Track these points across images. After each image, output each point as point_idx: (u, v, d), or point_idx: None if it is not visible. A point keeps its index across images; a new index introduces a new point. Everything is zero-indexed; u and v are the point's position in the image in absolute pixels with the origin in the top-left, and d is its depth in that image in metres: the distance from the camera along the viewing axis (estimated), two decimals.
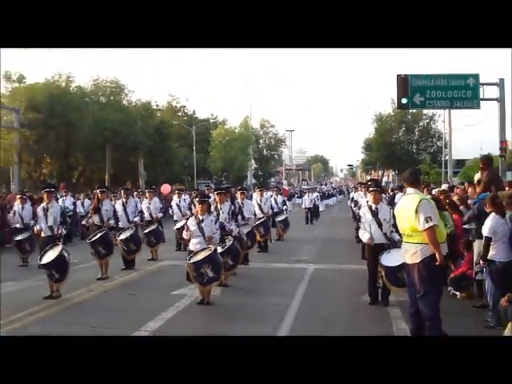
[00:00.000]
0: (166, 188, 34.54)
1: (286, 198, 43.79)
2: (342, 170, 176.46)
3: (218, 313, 9.76)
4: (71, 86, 46.16)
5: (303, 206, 32.88)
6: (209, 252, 9.99)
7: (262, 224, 17.44)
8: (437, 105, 28.74)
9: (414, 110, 55.90)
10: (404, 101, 27.73)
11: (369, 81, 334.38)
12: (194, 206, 16.08)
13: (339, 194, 66.81)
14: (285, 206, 22.88)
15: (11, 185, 41.77)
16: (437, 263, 6.93)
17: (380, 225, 9.85)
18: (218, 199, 12.44)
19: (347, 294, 11.00)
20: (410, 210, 7.25)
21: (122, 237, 14.24)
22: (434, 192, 16.50)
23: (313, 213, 32.25)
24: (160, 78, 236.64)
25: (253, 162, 79.82)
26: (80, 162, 50.41)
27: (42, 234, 11.62)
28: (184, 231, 10.79)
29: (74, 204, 24.48)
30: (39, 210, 11.89)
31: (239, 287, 12.04)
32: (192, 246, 10.43)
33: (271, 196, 22.47)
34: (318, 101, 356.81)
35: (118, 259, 14.26)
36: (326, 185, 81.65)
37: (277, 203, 22.11)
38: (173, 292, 11.29)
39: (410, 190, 7.61)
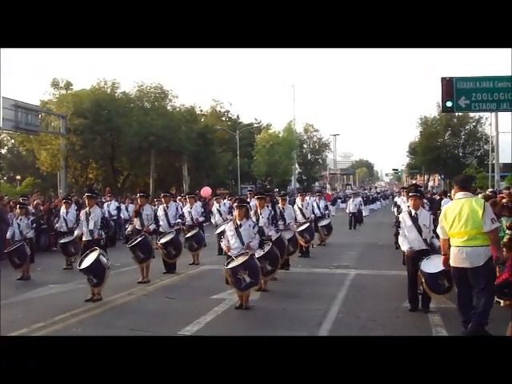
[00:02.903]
0: (206, 191, 34.23)
1: (329, 203, 43.75)
2: (387, 175, 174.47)
3: (256, 317, 9.72)
4: (116, 92, 46.94)
5: (347, 211, 32.65)
6: (246, 257, 9.93)
7: (306, 230, 17.34)
8: (483, 107, 28.19)
9: (460, 113, 54.98)
10: (449, 104, 27.30)
11: (414, 84, 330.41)
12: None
13: (383, 199, 65.90)
14: (327, 211, 22.78)
15: (59, 189, 42.67)
16: (499, 262, 7.12)
17: (420, 231, 9.59)
18: (257, 204, 12.38)
19: (387, 300, 10.82)
20: (475, 212, 7.45)
21: (163, 241, 14.31)
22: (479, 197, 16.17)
23: (357, 218, 31.96)
24: (204, 83, 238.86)
25: (297, 166, 79.63)
26: (125, 167, 51.20)
27: (84, 238, 11.84)
28: (222, 243, 10.75)
29: (118, 208, 24.76)
30: (81, 214, 12.13)
31: (279, 292, 11.99)
32: (230, 252, 10.30)
33: (314, 201, 22.43)
34: (363, 104, 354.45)
35: (160, 263, 14.39)
36: (369, 189, 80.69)
37: (319, 208, 22.03)
38: (212, 296, 11.30)
39: (463, 193, 7.84)
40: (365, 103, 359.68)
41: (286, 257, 14.61)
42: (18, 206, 15.63)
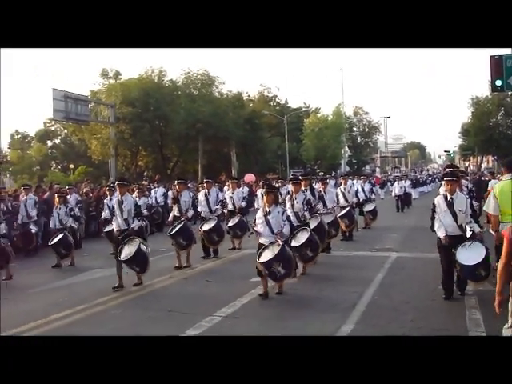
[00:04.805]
0: (249, 177, 34.38)
1: (378, 186, 43.34)
2: (439, 157, 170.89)
3: (292, 300, 9.86)
4: (163, 80, 47.55)
5: (393, 194, 32.39)
6: (278, 249, 9.65)
7: (346, 215, 17.23)
8: None
9: None
10: (498, 83, 26.49)
11: (466, 62, 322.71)
12: (281, 195, 16.13)
13: (433, 182, 64.51)
14: (373, 195, 22.60)
15: (110, 177, 43.62)
16: None
17: (455, 216, 9.17)
18: (292, 189, 12.27)
19: (425, 283, 10.77)
20: None
21: (205, 228, 14.37)
22: None
23: (403, 201, 31.60)
24: (251, 68, 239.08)
25: (347, 149, 79.12)
26: (174, 154, 51.90)
27: (118, 228, 11.59)
28: (254, 227, 10.46)
29: (165, 195, 25.10)
30: (114, 202, 11.95)
31: (317, 274, 12.06)
32: (261, 240, 10.09)
33: (360, 184, 22.37)
34: (413, 85, 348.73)
35: (199, 248, 14.59)
36: (421, 172, 79.52)
37: (364, 191, 21.89)
38: (251, 279, 11.41)
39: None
40: (415, 84, 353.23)
41: (327, 240, 14.66)
42: (56, 195, 15.73)
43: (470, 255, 8.69)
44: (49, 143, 74.01)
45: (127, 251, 11.11)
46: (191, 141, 48.38)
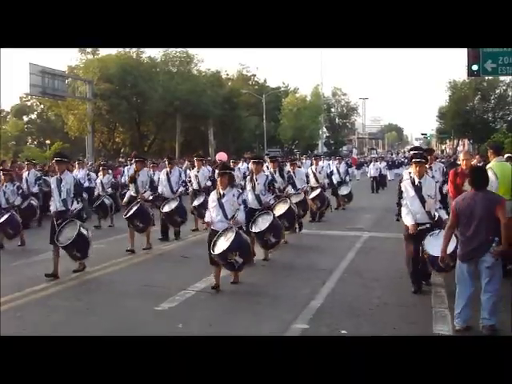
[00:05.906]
0: (221, 156, 34.19)
1: (354, 167, 43.57)
2: (417, 139, 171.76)
3: (264, 276, 10.12)
4: (142, 57, 47.28)
5: (368, 175, 32.74)
6: (232, 236, 8.75)
7: (317, 197, 16.99)
8: (510, 71, 27.51)
9: (490, 77, 54.18)
10: (474, 67, 26.56)
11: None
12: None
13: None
14: (347, 177, 22.67)
15: (86, 154, 43.40)
16: None
17: (423, 201, 8.51)
18: (254, 169, 11.47)
19: (394, 261, 10.92)
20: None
21: (167, 209, 13.84)
22: None
23: (378, 182, 31.93)
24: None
25: (325, 130, 79.31)
26: (151, 131, 51.77)
27: (55, 209, 10.41)
28: (206, 215, 9.49)
29: None
30: (52, 181, 10.89)
31: (288, 253, 12.27)
32: (214, 225, 9.13)
33: (335, 165, 22.44)
34: (393, 67, 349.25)
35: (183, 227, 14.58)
36: (397, 154, 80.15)
37: (339, 172, 21.98)
38: None
39: (500, 157, 9.76)
40: (394, 67, 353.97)
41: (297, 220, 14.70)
42: (1, 172, 14.76)
43: (437, 244, 7.75)
44: (25, 118, 73.09)
45: (65, 236, 10.16)
46: (169, 118, 48.29)
